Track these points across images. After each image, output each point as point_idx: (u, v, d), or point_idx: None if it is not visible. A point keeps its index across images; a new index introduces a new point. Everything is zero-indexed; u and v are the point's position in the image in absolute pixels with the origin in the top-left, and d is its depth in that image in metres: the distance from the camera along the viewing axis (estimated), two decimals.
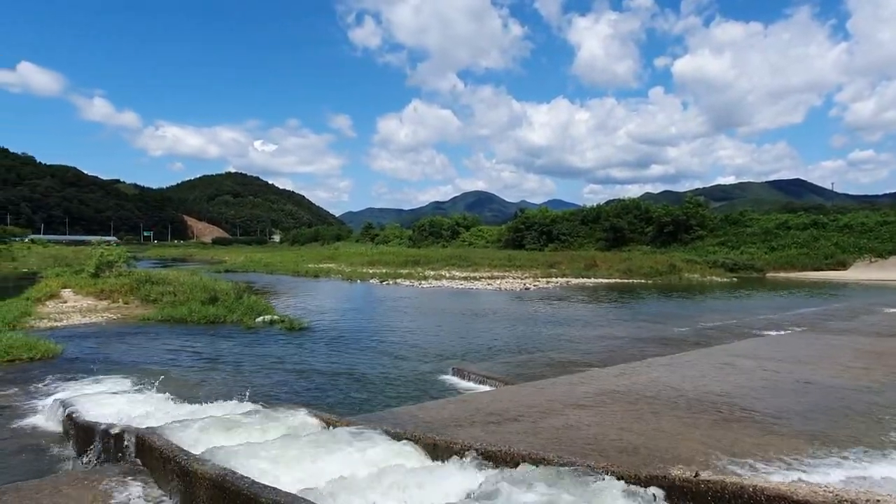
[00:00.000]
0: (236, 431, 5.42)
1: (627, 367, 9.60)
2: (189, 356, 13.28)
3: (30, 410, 8.82)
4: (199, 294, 21.56)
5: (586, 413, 6.46)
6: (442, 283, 37.57)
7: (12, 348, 12.40)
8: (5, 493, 4.62)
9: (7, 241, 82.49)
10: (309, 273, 47.90)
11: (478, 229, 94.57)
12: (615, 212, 75.69)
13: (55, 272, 32.17)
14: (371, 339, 16.24)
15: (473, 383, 10.43)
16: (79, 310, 20.01)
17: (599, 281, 40.20)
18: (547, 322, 19.66)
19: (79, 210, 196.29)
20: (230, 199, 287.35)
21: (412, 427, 5.56)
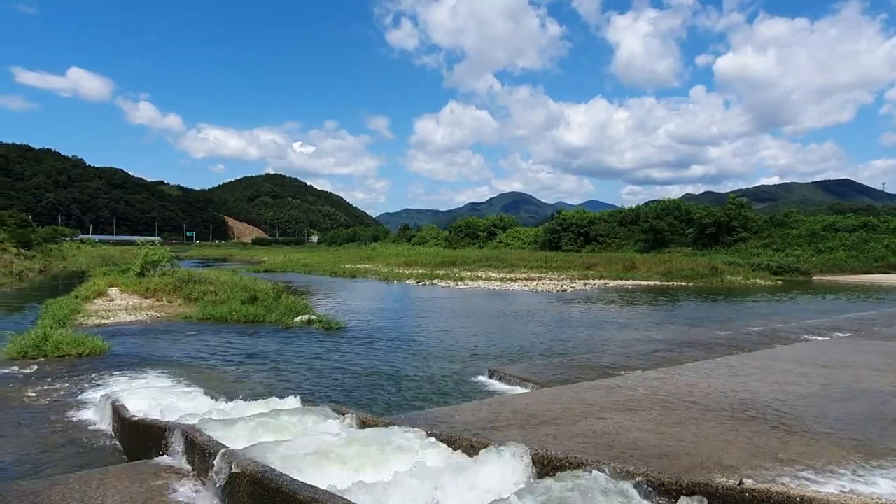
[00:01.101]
0: (275, 429, 5.50)
1: (667, 371, 9.43)
2: (229, 354, 13.54)
3: (78, 404, 9.11)
4: (240, 294, 21.99)
5: (624, 417, 6.36)
6: (478, 284, 37.51)
7: (62, 344, 12.83)
8: (55, 484, 4.77)
9: (58, 240, 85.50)
10: (346, 273, 48.39)
11: (514, 230, 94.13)
12: (655, 213, 74.42)
13: (103, 271, 33.25)
14: (407, 339, 16.30)
15: (509, 385, 10.38)
16: (125, 308, 20.60)
17: (638, 283, 39.59)
18: (584, 324, 19.44)
19: (125, 211, 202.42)
20: (269, 201, 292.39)
21: (448, 428, 5.56)
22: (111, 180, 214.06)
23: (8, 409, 8.83)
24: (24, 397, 9.55)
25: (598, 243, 73.96)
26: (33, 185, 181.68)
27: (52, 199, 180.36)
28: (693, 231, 68.18)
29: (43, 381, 10.56)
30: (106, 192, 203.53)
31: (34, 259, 51.29)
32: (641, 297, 29.93)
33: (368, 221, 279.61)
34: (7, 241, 51.08)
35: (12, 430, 7.92)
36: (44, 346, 12.63)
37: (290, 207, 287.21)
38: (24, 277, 39.94)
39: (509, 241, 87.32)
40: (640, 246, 68.69)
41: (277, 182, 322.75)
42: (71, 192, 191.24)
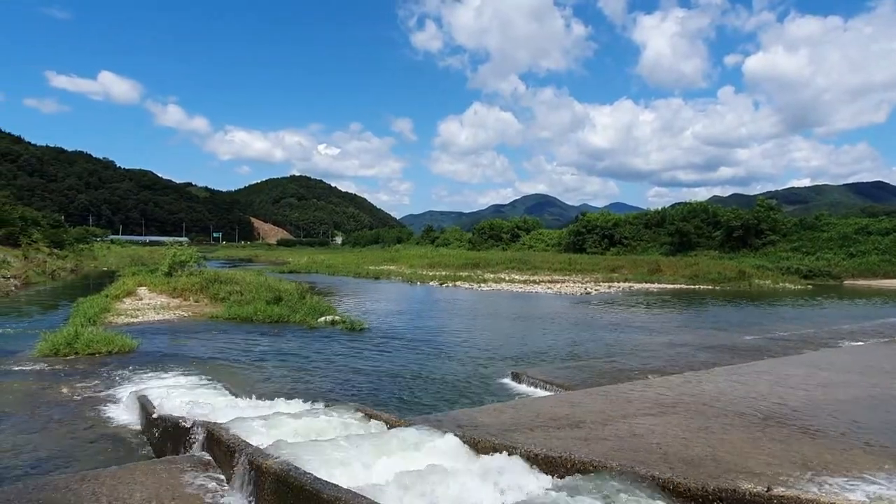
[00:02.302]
0: (299, 428, 5.54)
1: (693, 376, 9.30)
2: (254, 354, 13.70)
3: (108, 401, 9.29)
4: (265, 294, 22.23)
5: (649, 421, 6.28)
6: (501, 286, 37.42)
7: (93, 342, 13.11)
8: (86, 479, 4.88)
9: (89, 241, 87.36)
10: (370, 275, 48.62)
11: (538, 232, 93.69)
12: (681, 215, 73.44)
13: (132, 271, 33.89)
14: (430, 340, 16.32)
15: (532, 387, 10.34)
16: (153, 307, 20.96)
17: (664, 286, 39.14)
18: (608, 327, 19.27)
19: (154, 212, 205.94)
20: (294, 202, 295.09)
21: (471, 430, 5.55)
22: (140, 182, 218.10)
23: (41, 405, 9.04)
24: (56, 394, 9.77)
25: (623, 246, 73.27)
26: (66, 186, 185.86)
27: (83, 200, 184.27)
28: (720, 234, 67.14)
29: (74, 378, 10.79)
30: (135, 194, 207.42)
31: (66, 258, 52.46)
32: (667, 301, 29.57)
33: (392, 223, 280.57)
34: (41, 240, 52.31)
35: (46, 425, 8.11)
36: (75, 343, 12.92)
37: (315, 209, 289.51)
38: (57, 276, 40.88)
39: (533, 244, 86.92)
40: (666, 249, 67.85)
41: (302, 184, 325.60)
42: (102, 193, 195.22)
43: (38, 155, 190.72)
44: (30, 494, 4.58)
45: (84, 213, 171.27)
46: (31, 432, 7.82)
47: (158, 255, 37.70)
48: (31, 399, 9.43)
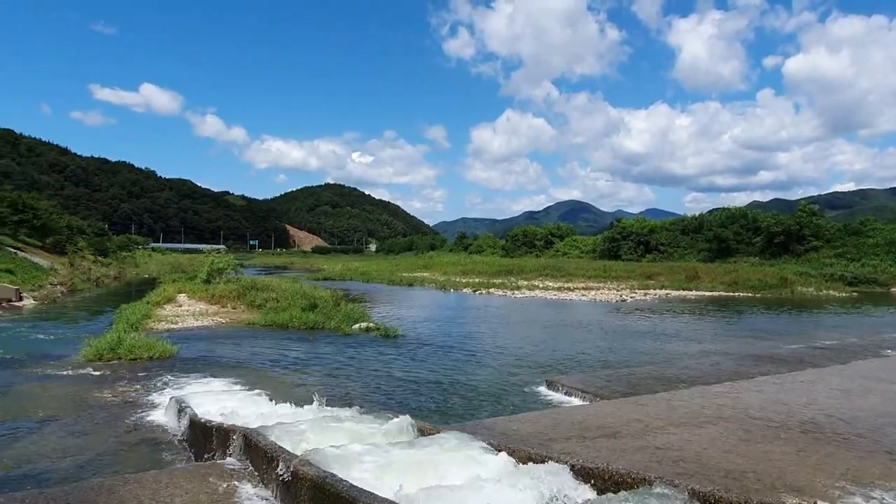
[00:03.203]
0: (334, 435, 5.59)
1: (733, 386, 9.08)
2: (290, 360, 13.87)
3: (149, 406, 9.52)
4: (300, 301, 22.50)
5: (688, 432, 6.16)
6: (535, 293, 37.19)
7: (135, 348, 13.45)
8: (129, 482, 5.00)
9: (131, 248, 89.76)
10: (403, 282, 48.82)
11: (572, 239, 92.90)
12: (719, 221, 71.98)
13: (172, 278, 34.69)
14: (463, 348, 16.30)
15: (567, 396, 10.23)
16: (192, 313, 21.40)
17: (702, 294, 38.38)
18: (644, 335, 18.97)
19: (193, 220, 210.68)
20: (329, 210, 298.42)
21: (505, 438, 5.52)
22: (180, 191, 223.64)
23: (86, 409, 9.31)
24: (100, 397, 10.05)
25: (660, 252, 72.08)
26: (109, 195, 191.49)
27: (126, 209, 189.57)
28: (760, 240, 65.57)
29: (117, 383, 11.08)
30: (175, 202, 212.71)
31: (110, 266, 54.00)
32: (705, 308, 28.99)
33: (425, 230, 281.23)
34: (86, 248, 53.96)
35: (90, 428, 8.34)
36: (118, 349, 13.27)
37: (349, 217, 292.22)
38: (101, 283, 42.07)
39: (567, 250, 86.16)
40: (704, 255, 66.52)
41: (337, 192, 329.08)
42: (143, 202, 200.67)
43: (84, 166, 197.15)
44: (75, 496, 4.71)
45: (127, 221, 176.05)
46: (76, 435, 8.05)
47: (197, 263, 38.53)
48: (76, 402, 9.72)
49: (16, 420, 8.71)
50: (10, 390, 10.62)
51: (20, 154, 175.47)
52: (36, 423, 8.56)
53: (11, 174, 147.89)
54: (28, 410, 9.23)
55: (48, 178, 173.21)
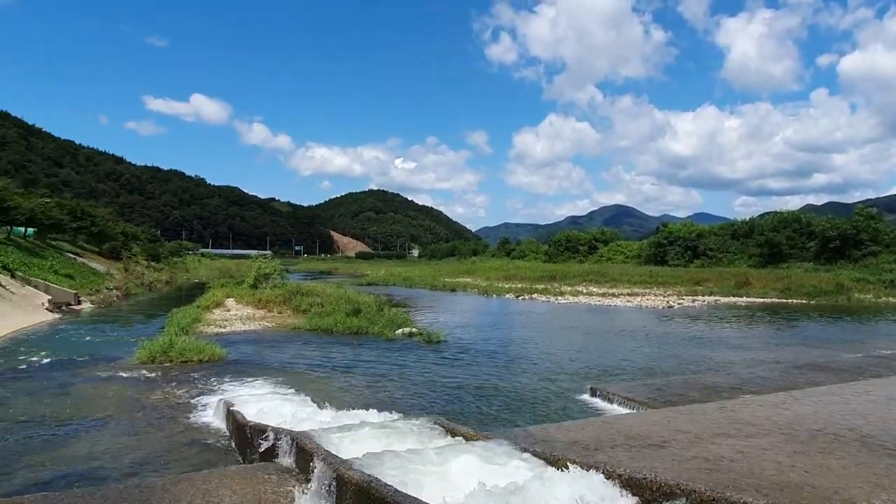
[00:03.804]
0: (378, 439, 5.63)
1: (787, 396, 8.78)
2: (334, 364, 14.04)
3: (199, 407, 9.77)
4: (344, 306, 22.76)
5: (739, 443, 5.97)
6: (579, 299, 36.77)
7: (186, 351, 13.85)
8: (180, 481, 5.14)
9: (182, 254, 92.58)
10: (446, 287, 48.93)
11: (616, 244, 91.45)
12: (771, 225, 69.74)
13: (220, 283, 35.55)
14: (506, 354, 16.22)
15: (613, 404, 10.07)
16: (240, 318, 21.90)
17: (753, 300, 37.28)
18: (692, 343, 18.53)
19: (240, 226, 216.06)
20: (373, 216, 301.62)
21: (549, 446, 5.46)
22: (229, 198, 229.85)
23: (140, 410, 9.62)
24: (153, 399, 10.37)
25: (708, 258, 70.24)
26: (161, 203, 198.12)
27: (177, 216, 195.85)
28: (815, 245, 63.26)
29: (169, 385, 11.42)
30: (224, 209, 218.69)
31: (162, 271, 55.78)
32: (756, 316, 28.14)
33: (468, 236, 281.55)
34: (139, 254, 55.91)
35: (144, 429, 8.61)
36: (170, 351, 13.69)
37: (392, 222, 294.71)
38: (154, 288, 43.48)
39: (611, 256, 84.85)
40: (755, 261, 64.54)
41: (380, 198, 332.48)
42: (193, 209, 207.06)
43: (138, 174, 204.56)
44: (130, 494, 4.87)
45: (178, 227, 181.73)
46: (131, 435, 8.32)
47: (244, 268, 39.39)
48: (131, 403, 10.06)
49: (75, 419, 9.07)
50: (70, 390, 11.06)
51: (79, 164, 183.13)
52: (93, 423, 8.89)
53: (71, 183, 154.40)
54: (86, 410, 9.59)
55: (105, 186, 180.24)
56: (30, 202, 39.66)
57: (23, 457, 7.39)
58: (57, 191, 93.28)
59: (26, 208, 37.50)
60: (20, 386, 11.40)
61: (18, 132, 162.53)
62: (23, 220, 38.78)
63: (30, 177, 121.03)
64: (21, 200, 38.07)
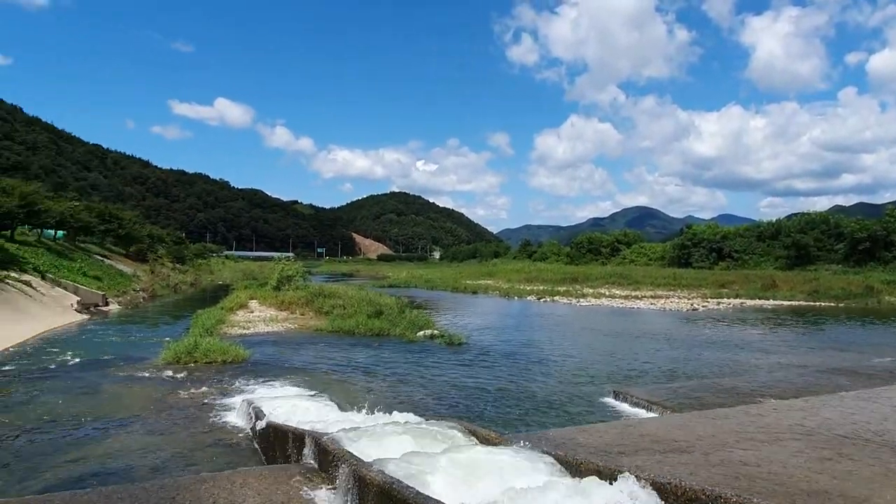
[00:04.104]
0: (400, 441, 5.63)
1: (815, 401, 8.61)
2: (356, 366, 14.11)
3: (223, 408, 9.88)
4: (366, 308, 22.86)
5: (766, 449, 5.87)
6: (601, 301, 36.50)
7: (210, 352, 14.02)
8: (205, 480, 5.20)
9: (206, 256, 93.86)
10: (467, 289, 48.89)
11: (639, 246, 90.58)
12: (798, 227, 68.53)
13: (244, 285, 35.96)
14: (528, 356, 16.15)
15: (636, 408, 9.96)
16: (263, 319, 22.12)
17: (779, 303, 36.67)
18: (717, 346, 18.28)
19: (263, 229, 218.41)
20: (394, 218, 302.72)
21: (572, 450, 5.42)
22: (252, 200, 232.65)
23: (165, 409, 9.76)
24: (178, 399, 10.52)
25: (733, 260, 69.23)
26: (186, 205, 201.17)
27: (201, 219, 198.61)
28: (843, 246, 62.01)
29: (194, 385, 11.57)
30: (247, 212, 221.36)
31: (187, 273, 56.59)
32: (783, 319, 27.67)
33: (489, 238, 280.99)
34: (165, 256, 56.75)
35: (169, 428, 8.74)
36: (195, 352, 13.88)
37: (414, 224, 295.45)
38: (179, 289, 44.10)
39: (634, 258, 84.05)
40: (782, 263, 63.45)
41: (401, 200, 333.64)
42: (218, 211, 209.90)
43: (164, 177, 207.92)
44: (157, 492, 4.94)
45: (202, 230, 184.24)
46: (157, 434, 8.45)
47: (267, 270, 39.80)
48: (157, 403, 10.21)
49: (103, 418, 9.23)
50: (98, 390, 11.27)
51: (107, 168, 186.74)
52: (121, 422, 9.04)
53: (99, 186, 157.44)
54: (114, 409, 9.77)
55: (132, 189, 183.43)
56: (59, 205, 40.50)
57: (53, 455, 7.54)
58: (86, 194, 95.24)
59: (56, 211, 38.31)
60: (51, 385, 11.64)
61: (49, 137, 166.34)
62: (53, 223, 39.64)
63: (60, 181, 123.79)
64: (51, 204, 38.90)
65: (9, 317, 19.12)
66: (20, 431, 8.56)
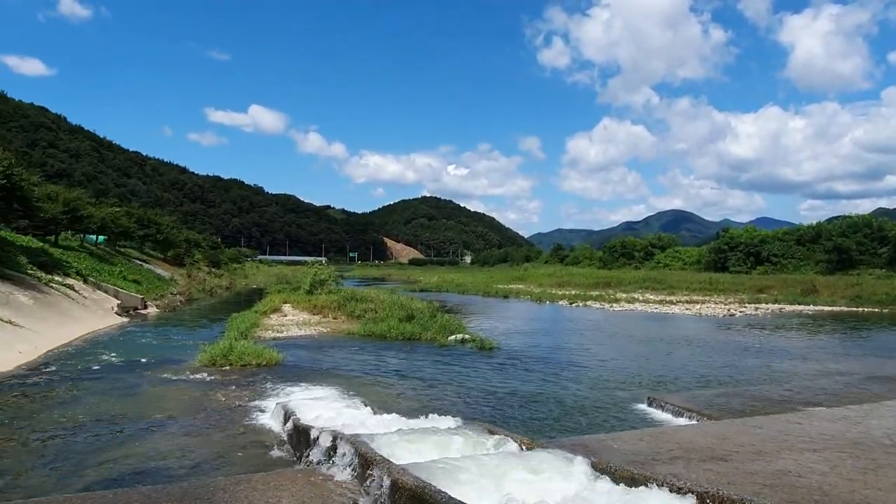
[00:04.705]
0: (433, 445, 5.65)
1: (858, 410, 8.36)
2: (388, 369, 14.18)
3: (257, 410, 10.02)
4: (397, 312, 22.95)
5: (806, 459, 5.72)
6: (635, 306, 36.01)
7: (244, 355, 14.24)
8: (241, 482, 5.29)
9: (241, 261, 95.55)
10: (498, 293, 48.73)
11: (674, 250, 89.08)
12: (840, 230, 66.59)
13: (277, 289, 36.41)
14: (560, 361, 16.03)
15: (671, 415, 9.79)
16: (296, 323, 22.39)
17: (820, 309, 35.68)
18: (755, 352, 17.88)
19: (296, 233, 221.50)
20: (425, 222, 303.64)
21: (605, 457, 5.36)
22: (285, 205, 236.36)
23: (201, 411, 9.94)
24: (214, 401, 10.71)
25: (772, 264, 67.59)
26: (222, 211, 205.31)
27: (236, 224, 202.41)
28: (888, 250, 60.05)
29: (229, 387, 11.76)
30: (281, 217, 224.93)
31: (222, 277, 57.67)
32: (824, 325, 26.92)
33: (520, 242, 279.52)
34: (201, 260, 57.96)
35: (206, 430, 8.90)
36: (230, 355, 14.11)
37: (445, 229, 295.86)
38: (214, 293, 44.94)
39: (668, 262, 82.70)
40: (822, 267, 61.74)
41: (433, 204, 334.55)
42: (252, 216, 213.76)
43: (200, 183, 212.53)
44: (194, 493, 5.04)
45: (237, 234, 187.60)
46: (193, 435, 8.61)
47: (300, 274, 40.26)
48: (193, 405, 10.41)
49: (141, 420, 9.45)
50: (138, 391, 11.55)
51: (146, 174, 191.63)
52: (159, 423, 9.24)
53: (138, 192, 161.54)
54: (152, 410, 9.99)
55: (169, 195, 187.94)
56: (101, 211, 41.70)
57: (93, 454, 7.74)
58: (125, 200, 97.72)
59: (98, 217, 39.45)
60: (93, 386, 11.97)
61: (91, 145, 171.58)
62: (95, 229, 40.80)
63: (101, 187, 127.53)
64: (93, 210, 40.06)
65: (54, 319, 19.72)
66: (65, 430, 8.82)
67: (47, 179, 60.16)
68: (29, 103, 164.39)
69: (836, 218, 74.66)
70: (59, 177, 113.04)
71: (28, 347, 15.49)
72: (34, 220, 31.81)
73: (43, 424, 9.15)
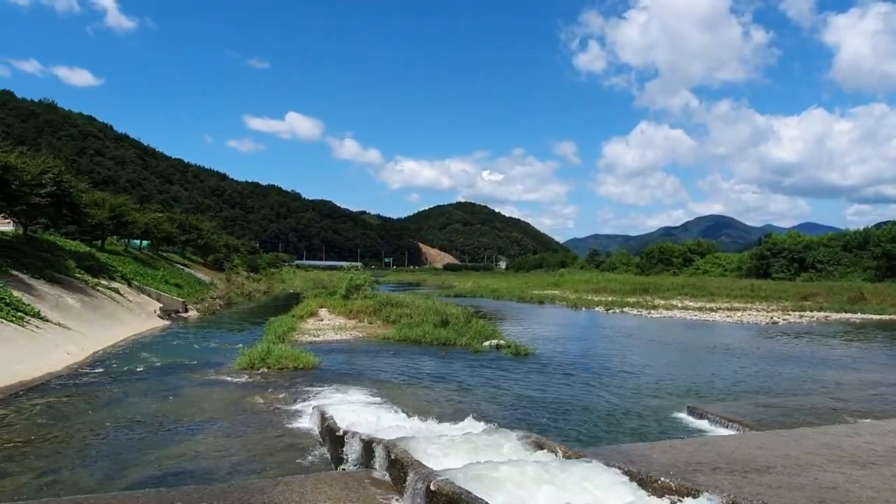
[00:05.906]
0: (469, 451, 5.63)
1: None
2: (422, 375, 14.20)
3: (294, 413, 10.14)
4: (432, 317, 22.99)
5: (854, 472, 5.52)
6: (673, 313, 35.36)
7: (282, 358, 14.45)
8: (278, 484, 5.36)
9: (279, 265, 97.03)
10: (534, 299, 48.43)
11: (714, 256, 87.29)
12: (889, 235, 64.25)
13: (314, 293, 36.87)
14: (597, 368, 15.83)
15: (712, 425, 9.57)
16: (332, 327, 22.62)
17: (868, 317, 34.48)
18: (799, 362, 17.36)
19: (332, 239, 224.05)
20: (460, 228, 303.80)
21: (645, 466, 5.26)
22: (322, 211, 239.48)
23: (241, 413, 10.11)
24: (252, 403, 10.88)
25: (817, 271, 65.62)
26: (260, 216, 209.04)
27: (274, 229, 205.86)
28: None
29: (267, 390, 11.94)
30: (317, 222, 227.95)
31: (260, 281, 58.60)
32: (873, 334, 26.00)
33: (556, 247, 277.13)
34: (240, 265, 59.07)
35: (244, 431, 9.05)
36: (267, 359, 14.34)
37: (480, 234, 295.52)
38: (252, 297, 45.71)
39: (708, 268, 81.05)
40: (871, 274, 59.65)
41: (467, 210, 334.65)
42: (289, 222, 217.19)
43: (239, 189, 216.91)
44: (233, 494, 5.12)
45: (275, 240, 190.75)
46: (232, 437, 8.76)
47: (336, 279, 40.70)
48: (232, 407, 10.60)
49: (183, 420, 9.66)
50: (179, 393, 11.81)
51: (187, 181, 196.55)
52: (199, 424, 9.43)
53: (180, 199, 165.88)
54: (193, 412, 10.20)
55: (209, 201, 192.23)
56: (145, 217, 42.93)
57: (137, 454, 7.94)
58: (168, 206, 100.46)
59: (142, 223, 40.63)
60: (137, 387, 12.30)
61: (136, 152, 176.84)
62: (139, 234, 42.00)
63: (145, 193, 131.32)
64: (137, 215, 41.28)
65: (100, 322, 20.33)
66: (109, 430, 9.08)
67: (94, 186, 62.25)
68: (78, 113, 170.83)
69: (885, 223, 71.97)
70: (106, 183, 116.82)
71: (76, 349, 16.01)
72: (82, 226, 32.92)
73: (89, 423, 9.43)
